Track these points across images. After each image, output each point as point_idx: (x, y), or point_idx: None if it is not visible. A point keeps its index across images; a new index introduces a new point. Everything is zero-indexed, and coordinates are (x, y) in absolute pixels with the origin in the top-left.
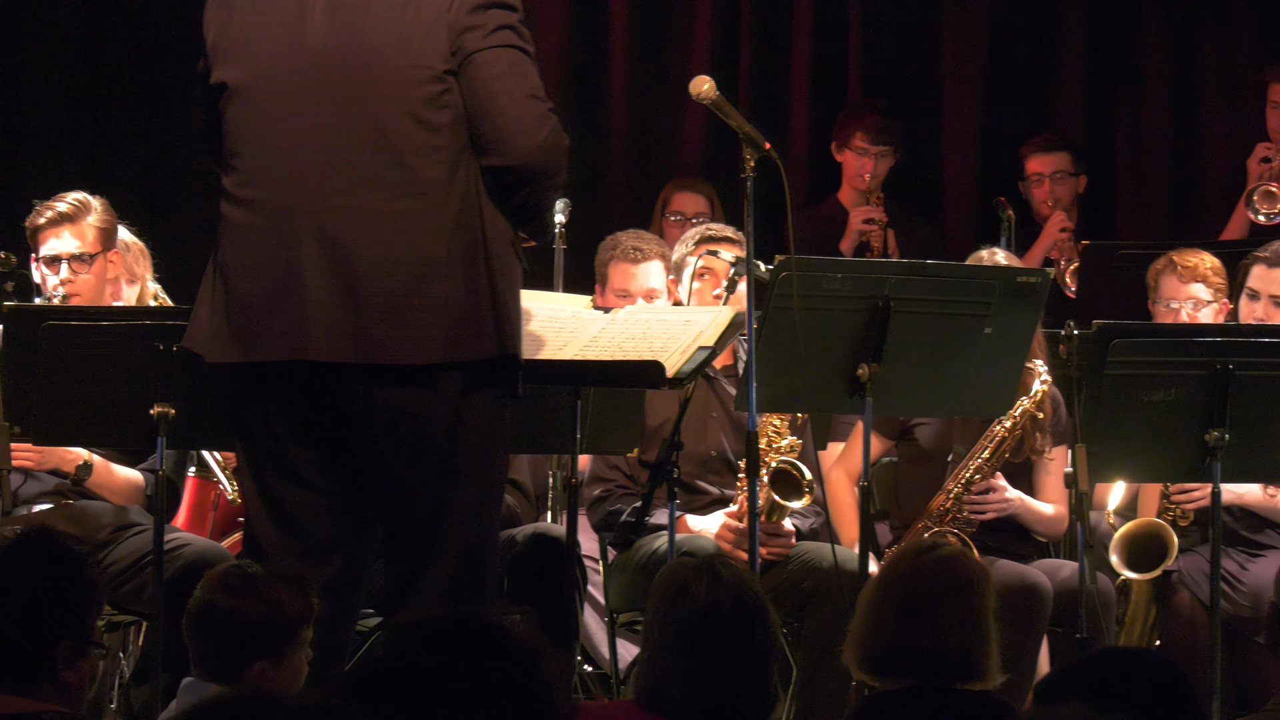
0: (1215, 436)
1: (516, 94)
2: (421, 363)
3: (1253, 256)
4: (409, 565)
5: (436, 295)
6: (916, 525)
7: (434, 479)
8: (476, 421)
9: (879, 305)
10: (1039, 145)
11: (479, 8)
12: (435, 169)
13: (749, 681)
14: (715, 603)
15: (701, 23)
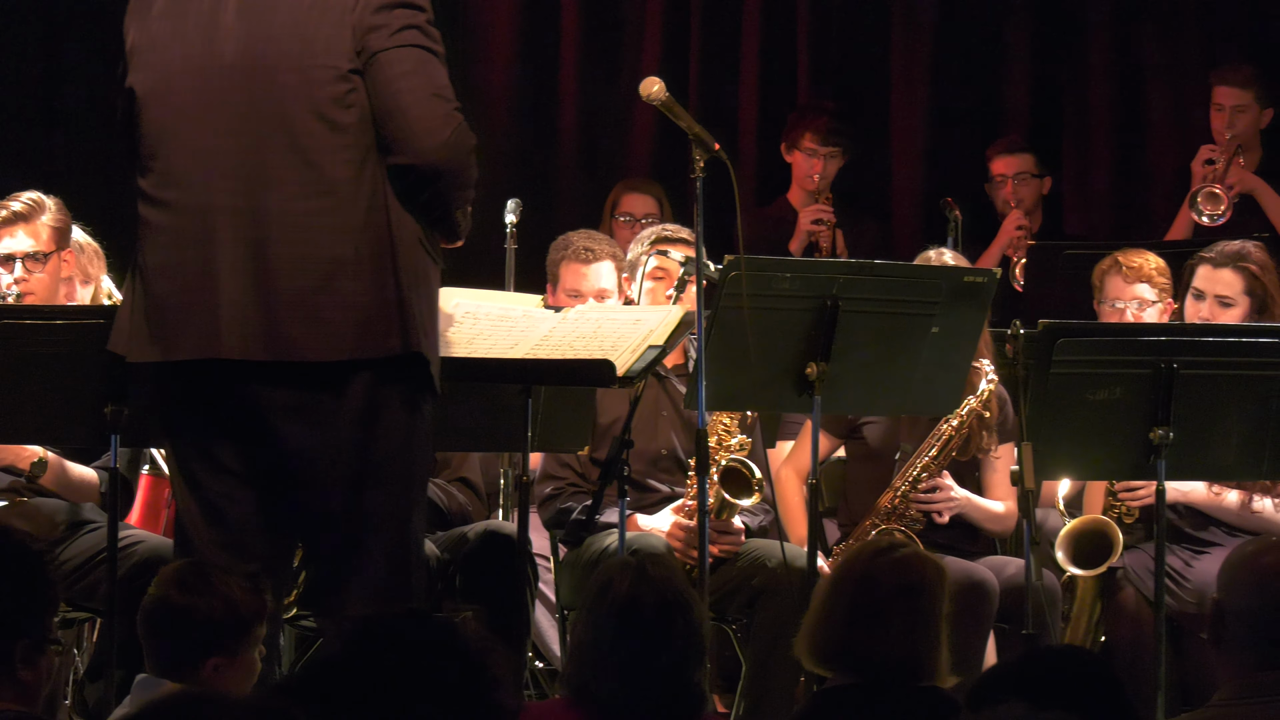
0: (1160, 435)
1: (421, 93)
2: (331, 359)
3: (1198, 257)
4: (332, 564)
5: (345, 293)
6: (864, 523)
7: (349, 477)
8: (392, 420)
9: (827, 305)
10: (1003, 147)
11: (384, 7)
12: (343, 168)
13: (669, 679)
14: (635, 600)
15: (651, 24)
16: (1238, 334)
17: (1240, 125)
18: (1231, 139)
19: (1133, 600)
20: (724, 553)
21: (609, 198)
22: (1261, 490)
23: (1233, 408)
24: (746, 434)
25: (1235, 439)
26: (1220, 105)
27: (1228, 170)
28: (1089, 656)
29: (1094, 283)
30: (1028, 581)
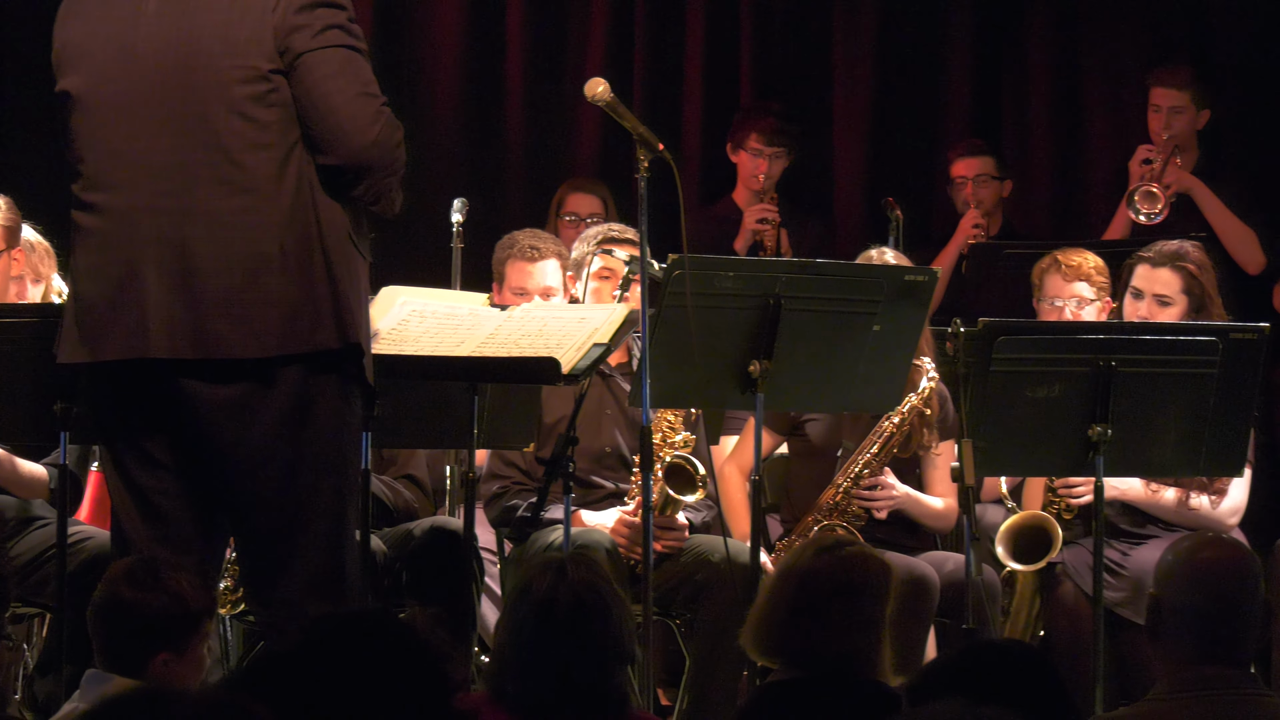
0: (1098, 432)
1: (348, 93)
2: (258, 356)
3: (1136, 256)
4: (264, 559)
5: (271, 290)
6: (807, 519)
7: (282, 469)
8: (323, 412)
9: (770, 303)
10: (964, 150)
11: (305, 8)
12: (265, 166)
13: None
14: (550, 600)
15: (596, 25)
16: (1175, 332)
17: (1177, 126)
18: (1169, 139)
19: (1071, 595)
20: (668, 549)
21: (554, 198)
22: (1198, 488)
23: (1170, 405)
24: (690, 431)
25: (1172, 436)
26: (1158, 106)
27: (1165, 170)
28: (1028, 650)
29: (1034, 281)
30: (968, 577)
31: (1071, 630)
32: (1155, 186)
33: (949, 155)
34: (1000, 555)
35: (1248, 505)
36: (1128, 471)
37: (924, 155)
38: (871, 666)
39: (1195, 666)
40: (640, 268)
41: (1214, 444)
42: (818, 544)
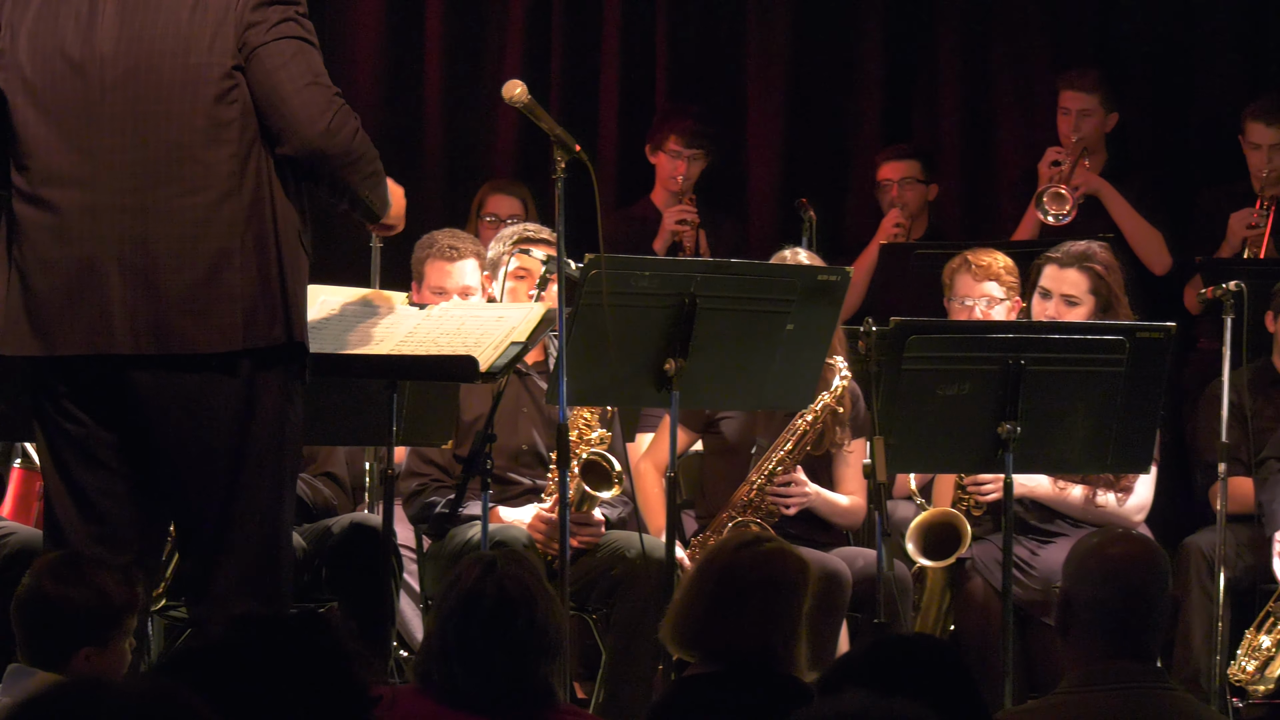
0: (1007, 429)
1: (299, 82)
2: (221, 351)
3: (1045, 257)
4: (206, 551)
5: (232, 285)
6: (721, 515)
7: (228, 464)
8: (268, 407)
9: (685, 302)
10: (891, 152)
11: (261, 4)
12: (227, 163)
13: (509, 673)
14: (477, 595)
15: (514, 28)
16: (1083, 332)
17: (1086, 128)
18: (1078, 142)
19: (981, 590)
20: (584, 544)
21: (475, 199)
22: (1105, 485)
23: (1078, 403)
24: (606, 428)
25: (1080, 433)
26: (1067, 109)
27: (1073, 172)
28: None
29: (944, 281)
30: (879, 572)
31: (981, 624)
32: (1063, 188)
33: (876, 158)
34: (910, 552)
35: (1154, 502)
36: (1036, 468)
37: (837, 157)
38: (788, 662)
39: (1103, 661)
40: (557, 267)
41: (1121, 441)
42: (738, 539)
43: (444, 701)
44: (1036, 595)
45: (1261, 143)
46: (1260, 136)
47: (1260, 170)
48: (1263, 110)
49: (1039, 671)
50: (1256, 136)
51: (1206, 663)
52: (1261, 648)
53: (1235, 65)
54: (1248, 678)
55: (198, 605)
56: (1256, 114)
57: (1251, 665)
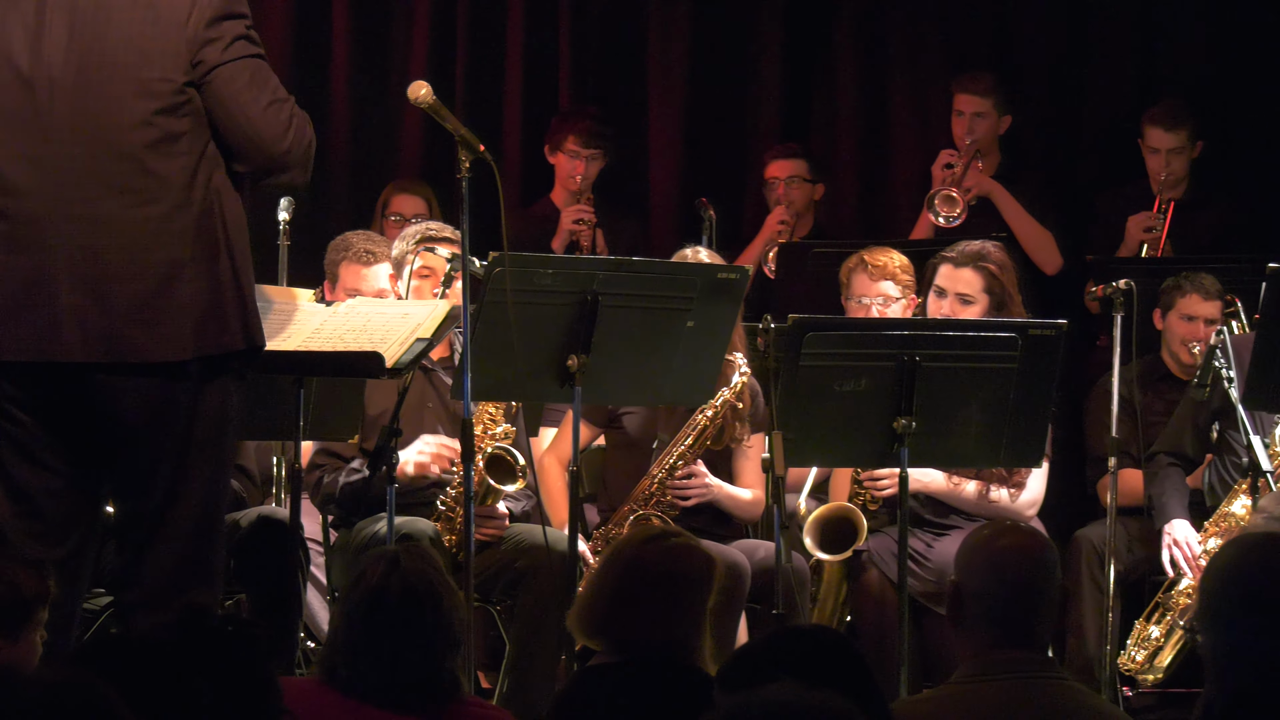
0: (902, 424)
1: (260, 103)
2: (171, 359)
3: (940, 256)
4: (144, 540)
5: (183, 295)
6: (623, 509)
7: (172, 462)
8: (212, 406)
9: (588, 300)
10: (778, 152)
11: (214, 21)
12: (177, 175)
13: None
14: (383, 589)
15: (419, 30)
16: (975, 329)
17: (980, 131)
18: (971, 144)
19: (877, 581)
20: (488, 537)
21: (380, 198)
22: (998, 480)
23: (971, 399)
24: (510, 423)
25: (974, 428)
26: (961, 112)
27: (965, 174)
28: (835, 635)
29: (841, 279)
30: (778, 564)
31: (877, 615)
32: (954, 191)
33: (765, 156)
34: (808, 545)
35: (1048, 496)
36: (931, 463)
37: (736, 157)
38: (691, 653)
39: (995, 651)
40: (462, 265)
41: (1013, 436)
42: (646, 533)
43: (350, 695)
44: (931, 586)
45: (1159, 147)
46: (1158, 141)
47: (1158, 173)
48: (1161, 115)
49: (934, 661)
50: (1155, 141)
51: (1098, 652)
52: (1151, 637)
53: (1127, 70)
54: (1137, 667)
55: (126, 592)
56: (1155, 119)
57: (1141, 655)
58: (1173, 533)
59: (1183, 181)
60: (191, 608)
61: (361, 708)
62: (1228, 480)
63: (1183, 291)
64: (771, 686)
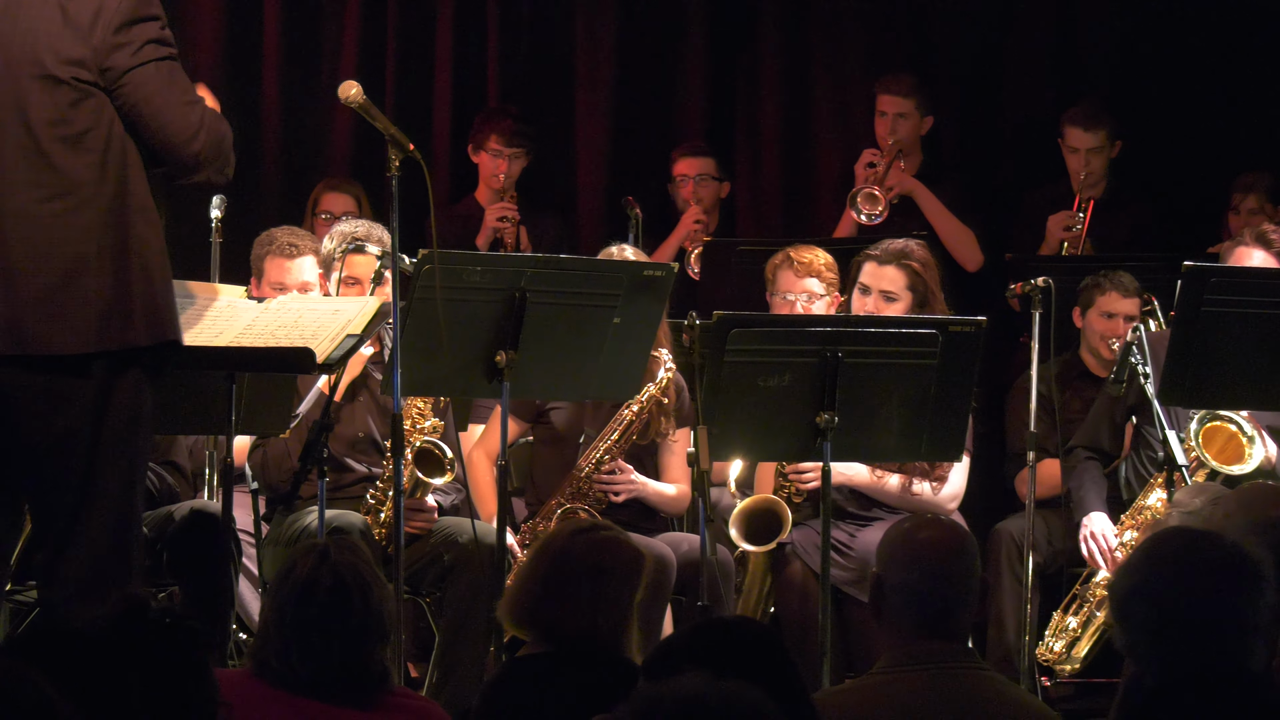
0: (825, 419)
1: (173, 106)
2: (75, 353)
3: (864, 254)
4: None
5: (88, 289)
6: (550, 502)
7: (82, 456)
8: (123, 402)
9: (516, 296)
10: (687, 150)
11: (124, 26)
12: (84, 171)
13: (344, 657)
14: (313, 581)
15: (350, 30)
16: (898, 325)
17: (902, 131)
18: (894, 144)
19: (800, 573)
20: (418, 529)
21: (310, 196)
22: (920, 474)
23: (893, 394)
24: (439, 417)
25: (896, 423)
26: (883, 112)
27: (888, 173)
28: (759, 627)
29: (766, 276)
30: (703, 556)
31: (800, 607)
32: (876, 189)
33: (672, 154)
34: (733, 537)
35: (969, 490)
36: (853, 457)
37: (662, 156)
38: (618, 644)
39: (915, 641)
40: (392, 263)
41: (934, 431)
42: (575, 525)
43: (281, 686)
44: (854, 575)
45: (1079, 146)
46: (1078, 141)
47: (1079, 173)
48: (1080, 115)
49: (856, 652)
50: (1074, 141)
51: (1017, 643)
52: (1068, 628)
53: (1046, 70)
54: (1055, 657)
55: (49, 589)
56: (1074, 119)
57: (1059, 645)
58: (1090, 526)
59: (1102, 181)
60: (129, 600)
61: (292, 699)
62: (1143, 474)
63: (1102, 289)
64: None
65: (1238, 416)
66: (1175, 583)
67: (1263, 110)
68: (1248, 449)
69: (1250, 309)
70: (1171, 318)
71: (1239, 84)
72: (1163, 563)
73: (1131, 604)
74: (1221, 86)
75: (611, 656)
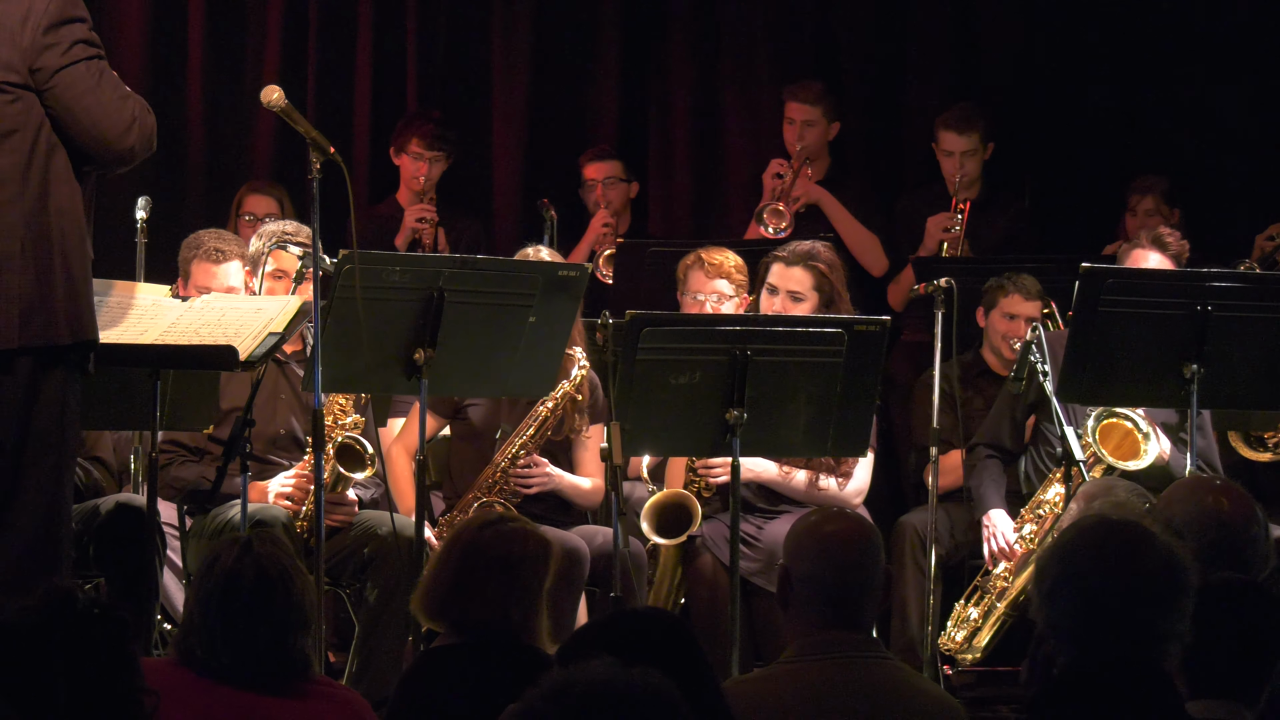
0: (734, 415)
1: (106, 105)
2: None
3: (772, 256)
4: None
5: (10, 286)
6: (467, 496)
7: (10, 451)
8: (51, 398)
9: (434, 296)
10: (594, 154)
11: (52, 27)
12: (9, 170)
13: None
14: (236, 573)
15: (272, 37)
16: (805, 325)
17: (809, 138)
18: (801, 150)
19: (710, 565)
20: (339, 523)
21: (234, 198)
22: (826, 470)
23: (800, 391)
24: (360, 413)
25: (803, 419)
26: (791, 119)
27: (795, 183)
28: (669, 617)
29: (678, 277)
30: (615, 549)
31: (710, 598)
32: (781, 204)
33: (580, 159)
34: (645, 530)
35: (871, 485)
36: (763, 452)
37: (577, 159)
38: (529, 633)
39: (822, 631)
40: (313, 263)
41: (840, 427)
42: (483, 519)
43: (205, 674)
44: (760, 566)
45: (953, 150)
46: (952, 144)
47: (953, 175)
48: (953, 119)
49: (764, 642)
50: (948, 144)
51: (920, 633)
52: (970, 619)
53: (943, 78)
54: (957, 646)
55: None
56: (948, 123)
57: (961, 635)
58: (990, 522)
59: (976, 182)
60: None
61: (217, 686)
62: (1042, 469)
63: (1005, 291)
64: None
65: (1134, 413)
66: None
67: (1159, 114)
68: (1143, 445)
69: (1145, 309)
70: (1069, 318)
71: (1136, 88)
72: (1102, 559)
73: (1062, 588)
74: (1118, 91)
75: (524, 646)
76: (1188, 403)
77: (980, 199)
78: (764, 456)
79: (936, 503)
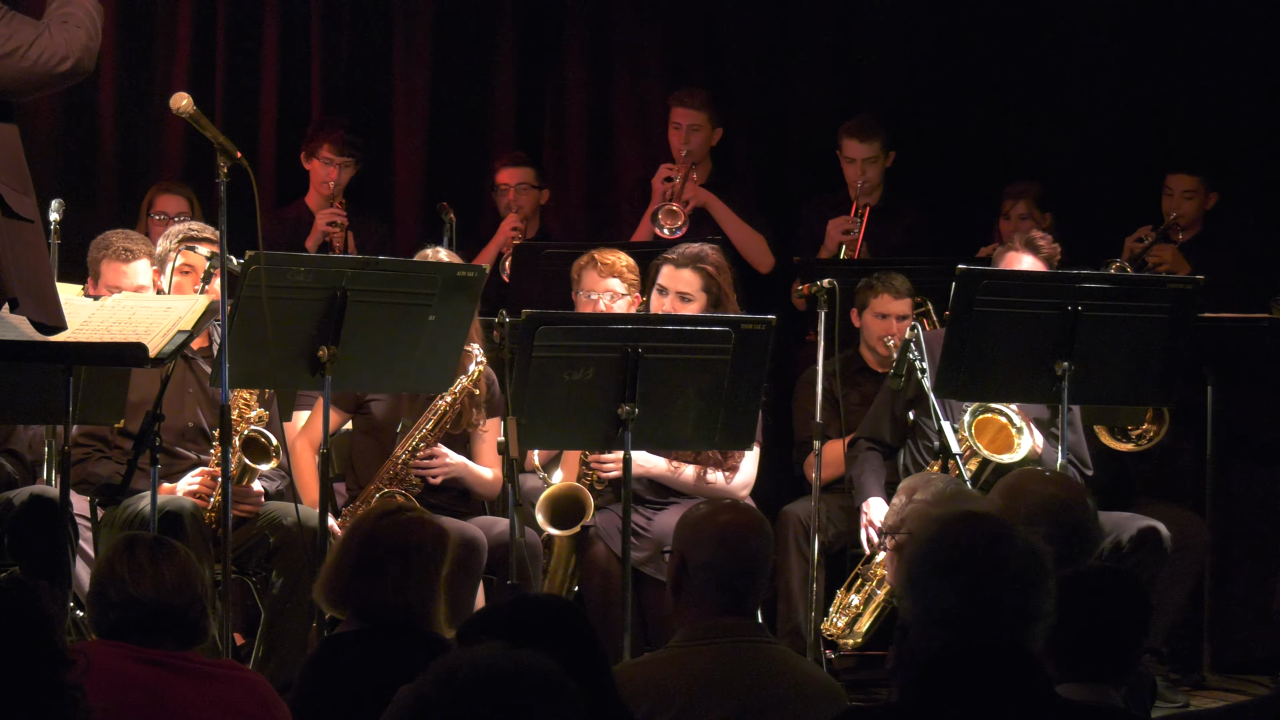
0: (626, 410)
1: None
2: None
3: (663, 257)
4: None
5: None
6: (369, 487)
7: None
8: None
9: (337, 295)
10: (508, 160)
11: None
12: None
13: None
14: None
15: (181, 45)
16: (694, 323)
17: (695, 142)
18: (688, 155)
19: (603, 555)
20: (245, 513)
21: (145, 198)
22: (714, 464)
23: (689, 387)
24: (265, 408)
25: (692, 414)
26: (678, 124)
27: (684, 186)
28: (564, 604)
29: (572, 276)
30: (512, 539)
31: (603, 586)
32: (675, 205)
33: (495, 164)
34: (540, 521)
35: (757, 478)
36: (653, 445)
37: (475, 163)
38: (428, 620)
39: (713, 617)
40: (220, 263)
41: (728, 421)
42: (381, 509)
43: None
44: (649, 555)
45: (855, 157)
46: (854, 151)
47: (855, 181)
48: (855, 128)
49: (654, 627)
50: (851, 151)
51: (804, 619)
52: (851, 605)
53: (829, 86)
54: (839, 632)
55: None
56: (850, 131)
57: (843, 621)
58: (869, 511)
59: (877, 189)
60: None
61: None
62: (920, 462)
63: (875, 291)
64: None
65: (1008, 409)
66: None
67: (1031, 121)
68: (1016, 439)
69: (1019, 309)
70: (946, 317)
71: (1009, 97)
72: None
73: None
74: (993, 99)
75: (422, 631)
76: (1059, 398)
77: (880, 205)
78: (655, 450)
79: (819, 494)
